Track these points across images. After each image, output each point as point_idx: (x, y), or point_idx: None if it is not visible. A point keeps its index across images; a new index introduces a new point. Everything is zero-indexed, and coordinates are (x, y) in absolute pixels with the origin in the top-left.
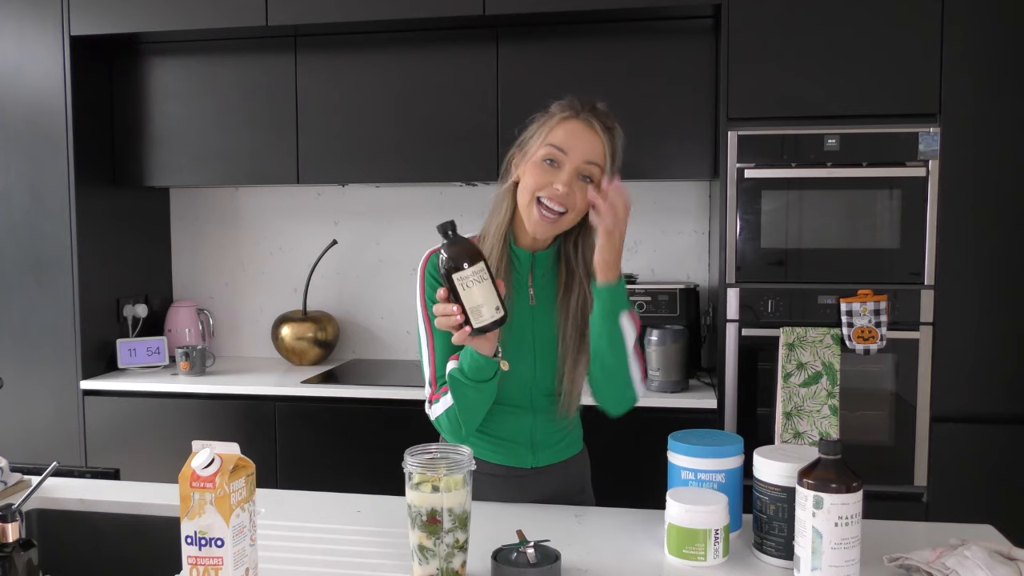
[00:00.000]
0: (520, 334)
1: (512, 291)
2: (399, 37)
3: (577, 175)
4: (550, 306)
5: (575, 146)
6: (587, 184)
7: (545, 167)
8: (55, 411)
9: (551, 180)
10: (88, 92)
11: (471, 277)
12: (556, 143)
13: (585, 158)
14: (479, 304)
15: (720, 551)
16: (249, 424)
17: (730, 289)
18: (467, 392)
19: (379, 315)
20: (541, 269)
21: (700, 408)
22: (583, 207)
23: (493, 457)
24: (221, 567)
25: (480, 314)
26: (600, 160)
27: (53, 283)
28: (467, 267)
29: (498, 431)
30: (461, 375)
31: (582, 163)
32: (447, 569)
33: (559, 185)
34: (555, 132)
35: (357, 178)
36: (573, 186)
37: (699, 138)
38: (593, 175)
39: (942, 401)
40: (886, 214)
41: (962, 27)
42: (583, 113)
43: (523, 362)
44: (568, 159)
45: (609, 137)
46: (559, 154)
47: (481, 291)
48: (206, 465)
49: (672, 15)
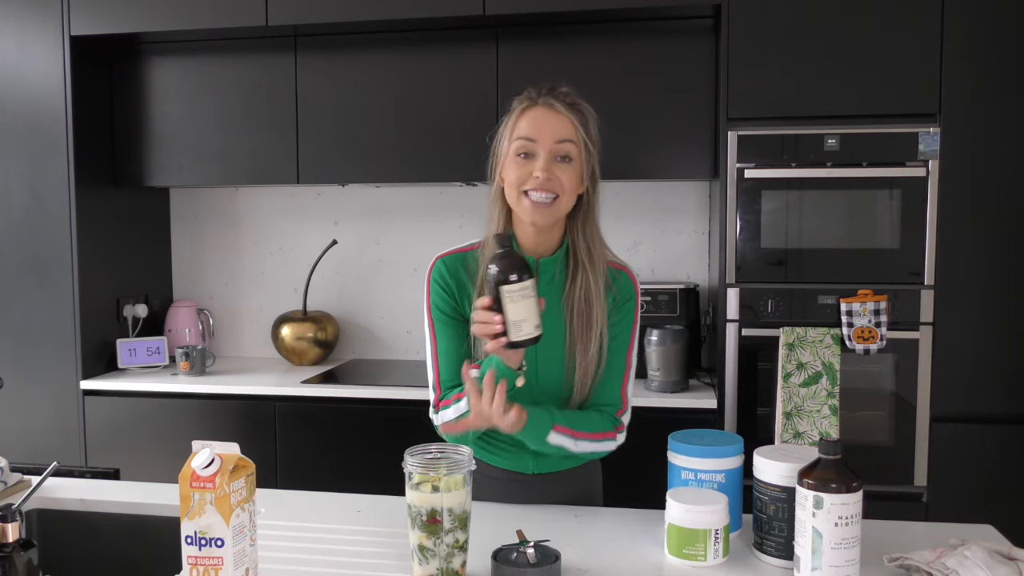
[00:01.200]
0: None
1: None
2: (399, 37)
3: (553, 158)
4: (555, 309)
5: (541, 131)
6: (567, 164)
7: (520, 161)
8: (55, 411)
9: (530, 171)
10: (88, 92)
11: (519, 292)
12: (523, 134)
13: (555, 138)
14: (521, 319)
15: (720, 551)
16: (249, 424)
17: (730, 289)
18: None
19: (379, 315)
20: (547, 274)
21: (700, 408)
22: (571, 186)
23: (494, 460)
24: (221, 567)
25: (520, 328)
26: (572, 135)
27: (53, 283)
28: (516, 281)
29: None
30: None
31: (553, 144)
32: (447, 569)
33: (538, 173)
34: (520, 124)
35: (357, 178)
36: (553, 170)
37: (699, 138)
38: (569, 152)
39: (942, 401)
40: (886, 214)
41: (962, 27)
42: (542, 98)
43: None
44: (539, 145)
45: (575, 112)
46: (529, 144)
47: (526, 307)
48: (206, 465)
49: (672, 15)
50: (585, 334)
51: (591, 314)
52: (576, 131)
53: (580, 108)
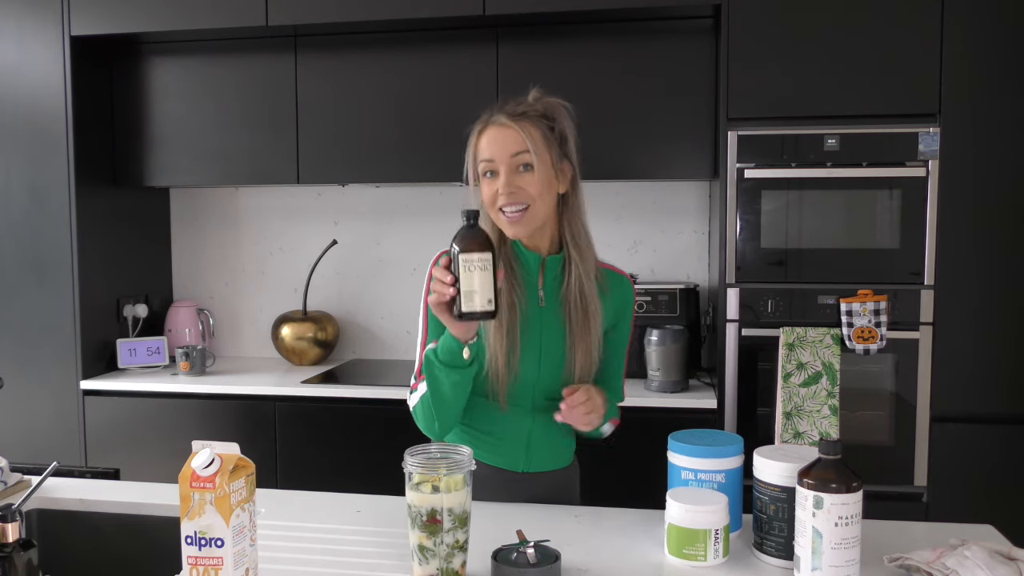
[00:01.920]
0: (528, 334)
1: (523, 290)
2: (399, 37)
3: (514, 171)
4: (559, 308)
5: (496, 150)
6: (529, 172)
7: (488, 180)
8: (55, 411)
9: (495, 189)
10: (88, 92)
11: (476, 262)
12: (483, 156)
13: (509, 153)
14: (474, 290)
15: (720, 551)
16: (249, 424)
17: (730, 289)
18: (438, 375)
19: (379, 315)
20: (552, 272)
21: (700, 408)
22: (538, 191)
23: (487, 458)
24: (221, 567)
25: (472, 300)
26: (522, 147)
27: (53, 283)
28: (476, 253)
29: (495, 430)
30: (434, 355)
31: (510, 159)
32: (447, 569)
33: (502, 190)
34: (479, 147)
35: (357, 178)
36: (516, 182)
37: (699, 138)
38: (527, 161)
39: (942, 401)
40: (886, 214)
41: (962, 27)
42: (493, 117)
43: (529, 361)
44: (498, 163)
45: (522, 122)
46: (489, 164)
47: (480, 279)
48: (206, 465)
49: (672, 15)
50: (584, 328)
51: (587, 308)
52: (527, 140)
53: (527, 116)
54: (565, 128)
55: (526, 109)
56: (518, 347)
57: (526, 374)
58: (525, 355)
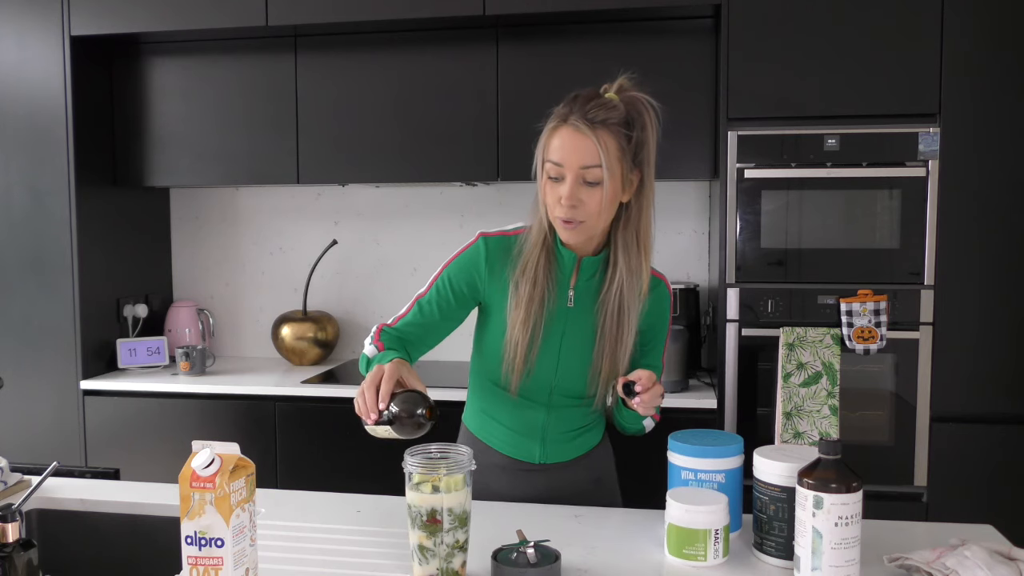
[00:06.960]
0: (550, 333)
1: (555, 288)
2: (399, 37)
3: (579, 183)
4: (588, 310)
5: (567, 157)
6: (594, 187)
7: (552, 183)
8: (55, 411)
9: (558, 196)
10: (88, 92)
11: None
12: (552, 158)
13: (580, 164)
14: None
15: (720, 551)
16: (249, 424)
17: (730, 289)
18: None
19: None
20: (586, 273)
21: (700, 408)
22: (596, 209)
23: (502, 447)
24: (221, 567)
25: (375, 431)
26: (594, 161)
27: (53, 283)
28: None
29: (511, 422)
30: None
31: (579, 170)
32: (447, 569)
33: (564, 201)
34: (550, 145)
35: (357, 178)
36: (579, 195)
37: (699, 138)
38: (595, 177)
39: (942, 401)
40: (886, 214)
41: (962, 27)
42: (570, 117)
43: (547, 361)
44: (566, 170)
45: (599, 132)
46: (557, 169)
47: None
48: (206, 465)
49: (672, 15)
50: (615, 337)
51: (623, 319)
52: (601, 155)
53: (607, 126)
54: (645, 136)
55: (606, 116)
56: (538, 344)
57: (542, 372)
58: (545, 353)
